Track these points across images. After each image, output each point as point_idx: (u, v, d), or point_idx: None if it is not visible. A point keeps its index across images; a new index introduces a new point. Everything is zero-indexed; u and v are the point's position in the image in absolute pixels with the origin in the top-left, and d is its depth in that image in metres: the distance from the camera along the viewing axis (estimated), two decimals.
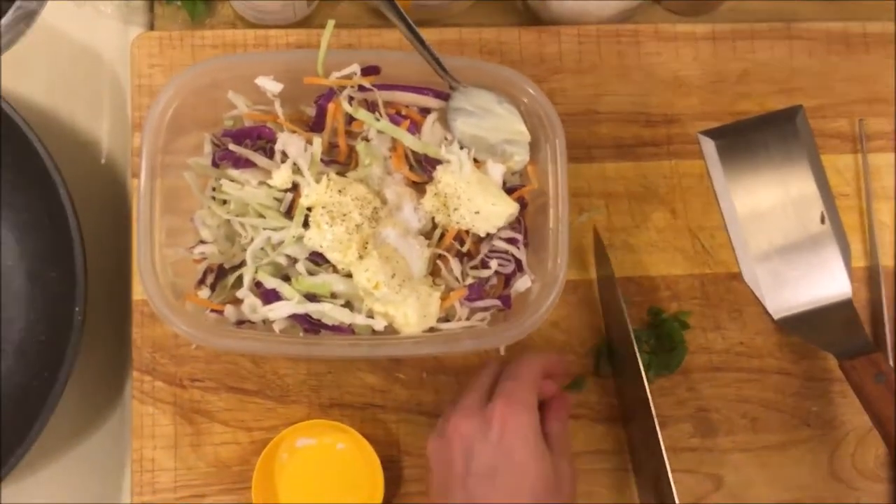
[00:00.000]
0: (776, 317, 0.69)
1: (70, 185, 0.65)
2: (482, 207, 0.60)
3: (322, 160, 0.61)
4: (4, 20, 0.73)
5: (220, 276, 0.61)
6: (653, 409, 0.62)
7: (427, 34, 0.70)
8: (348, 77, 0.59)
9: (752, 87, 0.73)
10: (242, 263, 0.60)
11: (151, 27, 0.74)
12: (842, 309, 0.70)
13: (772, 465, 0.69)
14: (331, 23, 0.58)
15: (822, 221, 0.72)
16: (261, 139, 0.61)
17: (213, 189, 0.62)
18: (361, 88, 0.60)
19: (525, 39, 0.72)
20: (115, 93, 0.73)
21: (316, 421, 0.66)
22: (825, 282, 0.71)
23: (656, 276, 0.70)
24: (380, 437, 0.67)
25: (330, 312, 0.57)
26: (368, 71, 0.60)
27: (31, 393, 0.64)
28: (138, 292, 0.66)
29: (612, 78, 0.72)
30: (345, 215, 0.58)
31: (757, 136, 0.73)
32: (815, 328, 0.70)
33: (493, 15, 0.76)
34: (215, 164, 0.62)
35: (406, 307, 0.58)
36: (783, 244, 0.71)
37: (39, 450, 0.63)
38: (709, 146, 0.72)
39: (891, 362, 0.70)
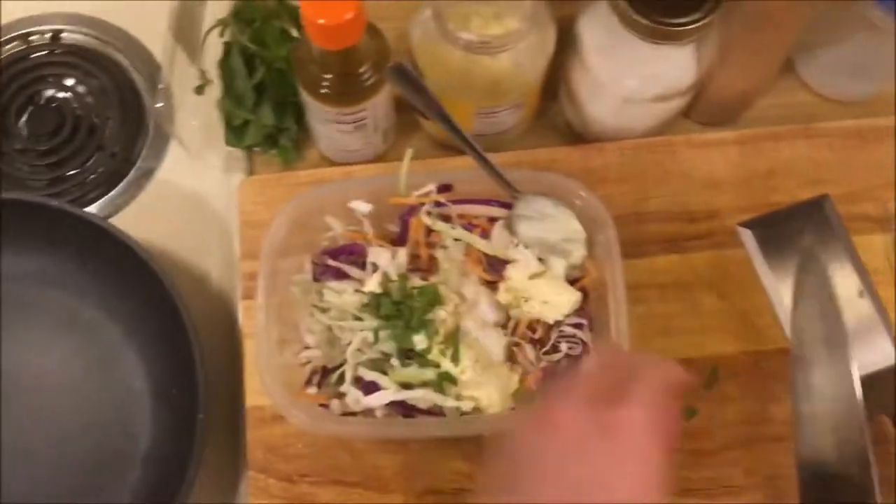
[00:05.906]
0: None
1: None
2: (549, 298, 0.68)
3: (407, 269, 0.71)
4: (127, 179, 0.86)
5: (325, 375, 0.70)
6: None
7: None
8: (426, 195, 0.69)
9: (780, 182, 0.81)
10: (343, 363, 0.69)
11: (250, 172, 0.86)
12: (888, 374, 0.76)
13: None
14: (409, 150, 0.69)
15: (861, 296, 0.78)
16: (352, 255, 0.71)
17: (313, 303, 0.71)
18: (437, 204, 0.71)
19: (572, 157, 0.82)
20: (221, 230, 0.84)
21: None
22: (870, 350, 0.77)
23: (710, 356, 0.77)
24: None
25: (424, 397, 0.65)
26: (443, 189, 0.70)
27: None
28: (251, 400, 0.75)
29: (653, 183, 0.81)
30: None
31: (791, 223, 0.80)
32: (865, 395, 0.75)
33: (545, 138, 0.86)
34: (316, 279, 0.71)
35: (489, 388, 0.66)
36: None
37: None
38: (747, 236, 0.80)
39: None
